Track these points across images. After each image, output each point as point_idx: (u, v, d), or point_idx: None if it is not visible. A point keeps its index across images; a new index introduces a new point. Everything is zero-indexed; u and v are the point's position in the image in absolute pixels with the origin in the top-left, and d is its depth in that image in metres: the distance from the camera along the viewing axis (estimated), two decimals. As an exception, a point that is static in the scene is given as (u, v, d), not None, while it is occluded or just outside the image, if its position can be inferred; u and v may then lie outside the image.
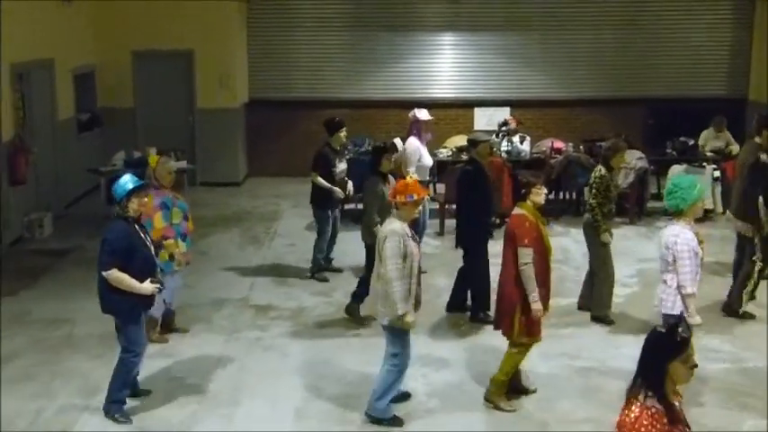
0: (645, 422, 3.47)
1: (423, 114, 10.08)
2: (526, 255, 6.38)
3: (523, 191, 6.66)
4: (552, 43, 15.41)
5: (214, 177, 14.45)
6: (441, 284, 9.25)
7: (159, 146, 12.19)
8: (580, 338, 8.06)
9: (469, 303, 8.59)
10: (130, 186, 6.34)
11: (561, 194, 12.83)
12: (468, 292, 8.60)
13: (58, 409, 6.71)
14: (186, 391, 7.03)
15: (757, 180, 8.31)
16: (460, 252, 8.56)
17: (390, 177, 8.44)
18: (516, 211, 6.63)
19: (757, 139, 8.52)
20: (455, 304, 8.67)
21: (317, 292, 9.35)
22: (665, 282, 6.28)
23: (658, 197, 12.60)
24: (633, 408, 3.52)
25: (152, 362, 7.51)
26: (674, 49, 15.43)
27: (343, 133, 9.70)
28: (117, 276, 6.26)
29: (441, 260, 10.22)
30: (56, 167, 12.67)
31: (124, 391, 6.59)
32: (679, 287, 6.16)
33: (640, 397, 3.53)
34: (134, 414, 6.61)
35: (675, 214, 6.22)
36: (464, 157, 10.59)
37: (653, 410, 3.48)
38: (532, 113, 15.10)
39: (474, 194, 8.31)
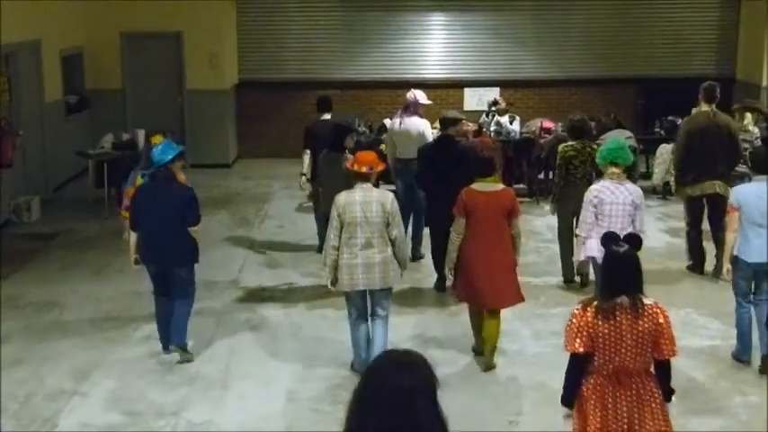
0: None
1: (423, 98, 10.00)
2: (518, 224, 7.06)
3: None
4: (542, 23, 15.36)
5: (204, 159, 14.37)
6: (430, 263, 9.23)
7: (148, 128, 12.08)
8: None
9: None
10: (175, 152, 7.10)
11: (551, 174, 12.78)
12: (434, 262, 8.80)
13: (47, 394, 6.69)
14: (176, 373, 7.03)
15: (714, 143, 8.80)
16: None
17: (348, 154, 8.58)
18: (499, 186, 7.05)
19: (705, 107, 8.96)
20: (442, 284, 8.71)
21: (307, 273, 9.34)
22: None
23: (647, 176, 12.62)
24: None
25: (141, 345, 7.51)
26: (663, 30, 15.43)
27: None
28: (201, 229, 7.22)
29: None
30: (43, 150, 12.59)
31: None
32: None
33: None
34: (124, 398, 6.61)
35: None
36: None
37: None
38: (522, 93, 15.08)
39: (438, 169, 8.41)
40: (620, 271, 4.46)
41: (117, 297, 8.63)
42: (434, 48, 15.54)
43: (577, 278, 8.88)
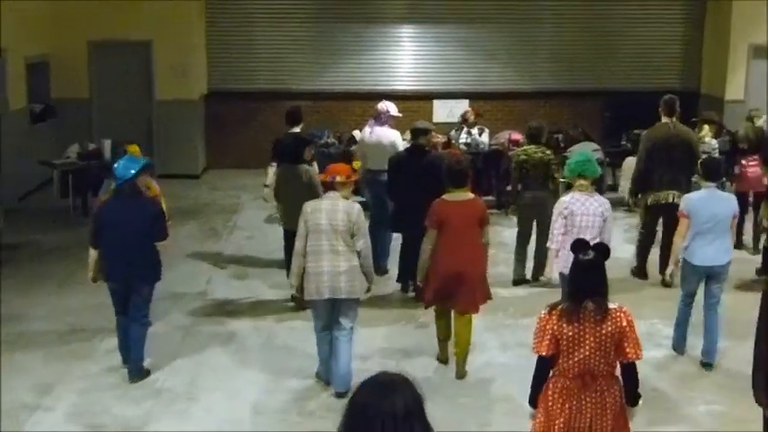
0: None
1: (394, 110, 10.02)
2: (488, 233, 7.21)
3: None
4: (512, 36, 15.49)
5: (173, 169, 14.25)
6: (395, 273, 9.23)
7: (116, 138, 12.02)
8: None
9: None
10: (139, 166, 7.00)
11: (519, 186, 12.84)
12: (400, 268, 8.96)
13: (9, 408, 6.55)
14: (142, 386, 6.95)
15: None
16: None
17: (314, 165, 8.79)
18: (470, 195, 7.10)
19: (666, 119, 9.25)
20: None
21: (275, 285, 9.29)
22: None
23: (614, 188, 12.74)
24: None
25: (106, 358, 7.42)
26: (629, 44, 15.65)
27: None
28: (169, 244, 7.13)
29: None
30: (7, 159, 12.42)
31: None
32: None
33: None
34: (88, 412, 6.52)
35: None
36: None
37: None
38: (491, 106, 15.15)
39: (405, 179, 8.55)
40: (586, 277, 4.57)
41: (82, 309, 8.52)
42: (405, 60, 15.60)
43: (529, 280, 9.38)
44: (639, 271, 9.57)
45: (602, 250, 4.65)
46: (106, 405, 6.64)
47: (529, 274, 9.43)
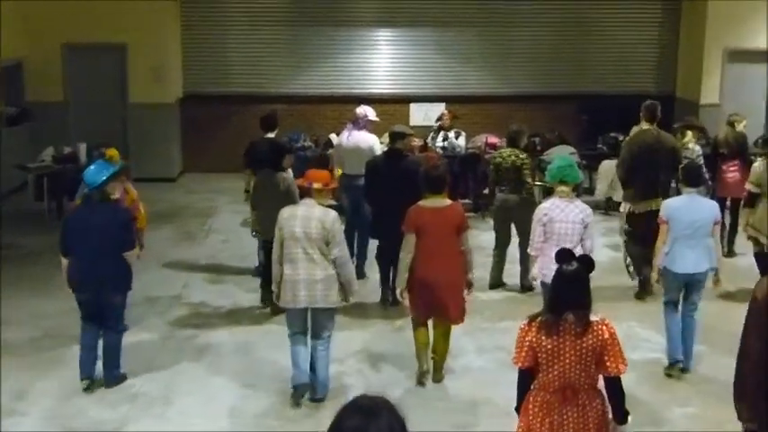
0: None
1: (372, 114, 10.00)
2: (467, 239, 7.04)
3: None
4: (488, 40, 15.53)
5: (148, 173, 14.15)
6: (376, 278, 9.22)
7: (90, 142, 11.93)
8: (516, 332, 8.11)
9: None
10: (110, 172, 6.84)
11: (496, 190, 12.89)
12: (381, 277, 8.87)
13: (-17, 413, 6.51)
14: (118, 391, 6.91)
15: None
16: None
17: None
18: (447, 201, 6.97)
19: (645, 125, 9.07)
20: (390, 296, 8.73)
21: (251, 289, 9.25)
22: None
23: (590, 191, 12.80)
24: None
25: (82, 362, 7.36)
26: (605, 47, 15.74)
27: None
28: (136, 253, 7.01)
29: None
30: (-19, 163, 12.32)
31: None
32: None
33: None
34: (64, 416, 6.47)
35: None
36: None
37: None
38: (468, 109, 15.17)
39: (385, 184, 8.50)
40: (568, 288, 4.43)
41: (57, 314, 8.43)
42: (381, 63, 15.61)
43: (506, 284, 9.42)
44: (643, 288, 9.02)
45: (586, 262, 4.54)
46: (82, 409, 6.60)
47: (506, 278, 9.45)
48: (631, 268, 9.27)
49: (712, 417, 6.43)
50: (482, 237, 11.00)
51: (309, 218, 6.43)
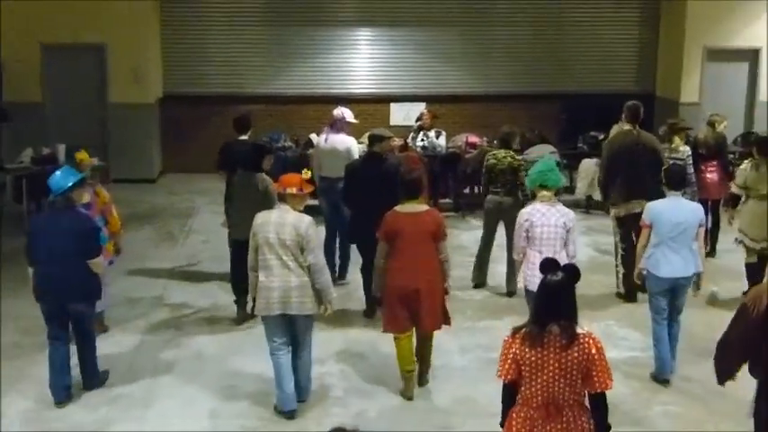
0: None
1: (350, 116, 9.93)
2: (446, 247, 6.85)
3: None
4: (468, 39, 15.56)
5: (128, 174, 14.12)
6: (358, 280, 9.22)
7: (70, 142, 11.85)
8: (497, 331, 8.14)
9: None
10: (76, 178, 6.67)
11: (476, 189, 12.93)
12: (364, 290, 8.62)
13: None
14: (98, 393, 6.86)
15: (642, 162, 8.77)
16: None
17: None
18: (423, 207, 6.88)
19: (628, 126, 9.00)
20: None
21: (231, 290, 9.22)
22: None
23: (571, 190, 12.84)
24: None
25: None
26: (585, 46, 15.83)
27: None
28: (101, 261, 6.79)
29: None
30: (-41, 164, 12.21)
31: None
32: None
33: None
34: (43, 419, 6.42)
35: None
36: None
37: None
38: (448, 109, 15.20)
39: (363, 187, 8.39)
40: (553, 299, 4.28)
41: (36, 315, 8.30)
42: (360, 63, 15.61)
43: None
44: (629, 293, 8.88)
45: (572, 271, 4.37)
46: (61, 411, 6.56)
47: (488, 279, 9.45)
48: (620, 275, 9.03)
49: (693, 416, 6.47)
50: (463, 237, 11.04)
51: (283, 224, 6.29)
